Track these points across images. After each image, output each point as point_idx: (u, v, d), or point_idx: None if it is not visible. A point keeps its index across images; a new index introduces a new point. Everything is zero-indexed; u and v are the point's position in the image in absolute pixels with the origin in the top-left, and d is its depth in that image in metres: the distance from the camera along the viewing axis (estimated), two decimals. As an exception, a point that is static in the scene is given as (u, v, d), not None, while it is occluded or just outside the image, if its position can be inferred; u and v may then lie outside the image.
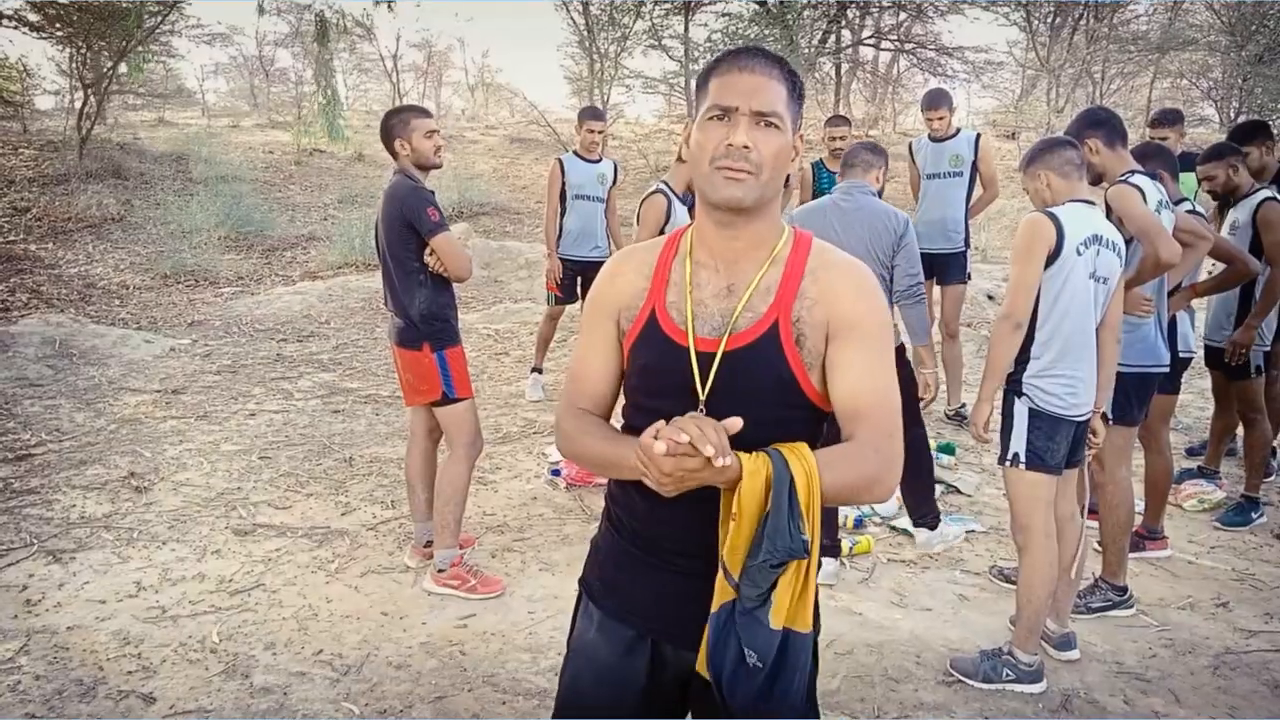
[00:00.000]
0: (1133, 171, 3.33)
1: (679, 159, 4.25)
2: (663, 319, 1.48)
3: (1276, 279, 4.12)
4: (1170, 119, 4.94)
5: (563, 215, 5.92)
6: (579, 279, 5.99)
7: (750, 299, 1.45)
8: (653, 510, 1.51)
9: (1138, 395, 3.40)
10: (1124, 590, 3.53)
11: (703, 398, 1.43)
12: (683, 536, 1.48)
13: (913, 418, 3.76)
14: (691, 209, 4.21)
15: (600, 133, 5.95)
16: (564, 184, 5.89)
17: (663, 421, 1.29)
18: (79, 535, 4.12)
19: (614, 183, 6.03)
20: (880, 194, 3.85)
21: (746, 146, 1.38)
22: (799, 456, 1.34)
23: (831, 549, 3.76)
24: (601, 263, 6.10)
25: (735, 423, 1.28)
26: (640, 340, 1.50)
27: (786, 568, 1.34)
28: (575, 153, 5.97)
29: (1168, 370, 3.48)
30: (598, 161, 5.95)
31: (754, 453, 1.33)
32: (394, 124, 3.60)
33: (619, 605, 1.59)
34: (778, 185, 1.45)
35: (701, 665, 1.42)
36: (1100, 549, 3.77)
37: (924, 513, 3.89)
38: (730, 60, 1.43)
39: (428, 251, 3.51)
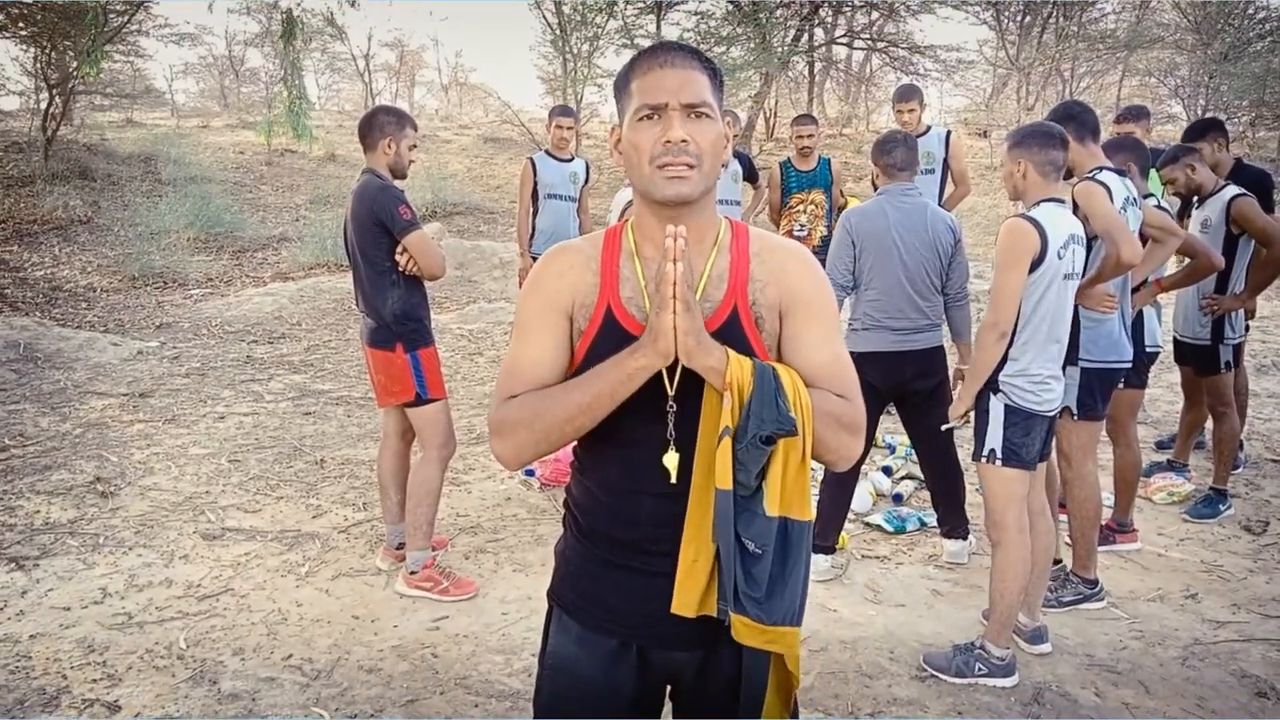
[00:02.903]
0: (1101, 168, 3.35)
1: None
2: (622, 317, 1.46)
3: (1274, 257, 4.20)
4: (1134, 114, 4.99)
5: (535, 214, 5.89)
6: None
7: (705, 289, 1.46)
8: (623, 509, 1.50)
9: (1102, 390, 3.42)
10: (1094, 583, 3.56)
11: (671, 392, 1.42)
12: (660, 534, 1.46)
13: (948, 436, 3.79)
14: None
15: (570, 129, 5.90)
16: (536, 183, 5.85)
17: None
18: (43, 541, 4.04)
19: (586, 181, 6.00)
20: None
21: (685, 140, 1.37)
22: (779, 364, 1.42)
23: (825, 547, 3.76)
24: None
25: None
26: (600, 340, 1.46)
27: (775, 449, 1.36)
28: (547, 152, 5.94)
29: (1130, 365, 3.51)
30: (569, 160, 5.92)
31: None
32: (387, 121, 3.56)
33: (598, 617, 1.54)
34: (717, 173, 1.45)
35: (701, 607, 1.42)
36: (1070, 543, 3.81)
37: (956, 524, 3.91)
38: (648, 59, 1.42)
39: (399, 250, 3.47)
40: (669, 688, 1.61)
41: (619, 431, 1.43)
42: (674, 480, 1.42)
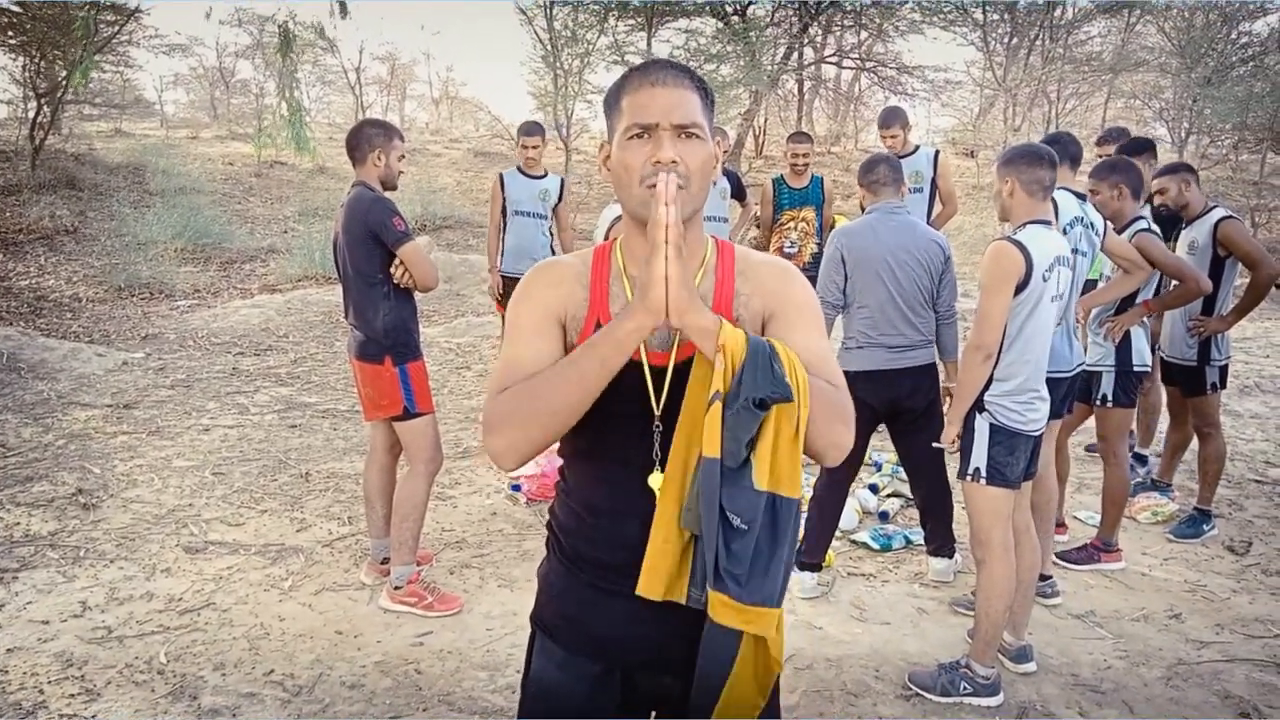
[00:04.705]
0: (1062, 188, 3.47)
1: None
2: None
3: (1259, 280, 4.24)
4: (1115, 136, 5.04)
5: (505, 231, 5.87)
6: None
7: None
8: (609, 532, 1.48)
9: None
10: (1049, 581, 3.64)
11: (657, 412, 1.41)
12: (642, 558, 1.44)
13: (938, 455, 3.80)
14: None
15: (536, 148, 5.79)
16: (505, 200, 5.82)
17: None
18: (22, 554, 4.00)
19: (560, 199, 5.89)
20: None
21: (674, 161, 1.37)
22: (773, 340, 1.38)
23: (812, 565, 3.76)
24: None
25: None
26: None
27: (767, 419, 1.31)
28: (519, 168, 5.91)
29: (1070, 376, 3.52)
30: (541, 177, 5.83)
31: None
32: (375, 134, 3.57)
33: (583, 641, 1.52)
34: (706, 194, 1.45)
35: (669, 592, 1.37)
36: (1057, 560, 3.85)
37: (943, 543, 3.91)
38: (640, 77, 1.42)
39: (395, 263, 3.47)
40: (654, 713, 1.58)
41: (604, 450, 1.42)
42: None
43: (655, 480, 1.40)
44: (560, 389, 1.35)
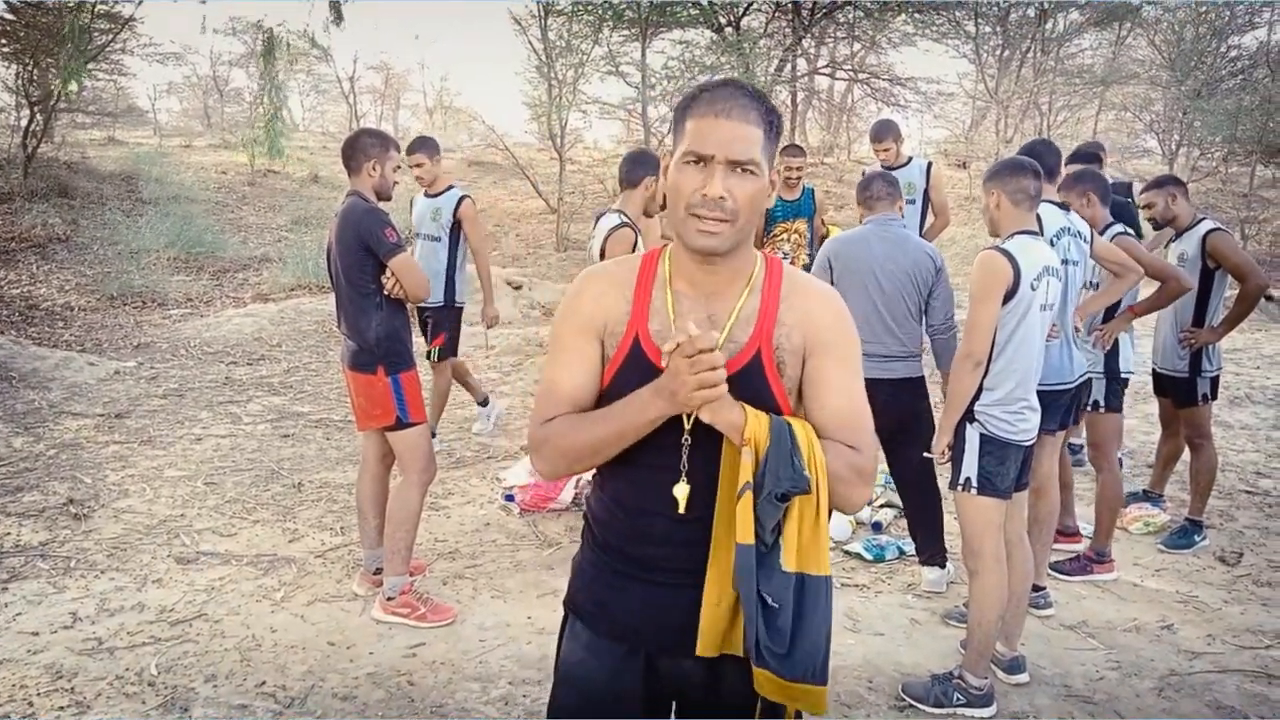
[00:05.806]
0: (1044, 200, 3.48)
1: (624, 186, 4.13)
2: (649, 349, 1.49)
3: (1249, 291, 4.27)
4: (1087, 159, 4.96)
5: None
6: (429, 324, 5.44)
7: (732, 330, 1.49)
8: (637, 527, 1.55)
9: (1046, 411, 3.45)
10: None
11: (688, 427, 1.46)
12: (671, 554, 1.52)
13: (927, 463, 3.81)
14: None
15: (418, 166, 5.28)
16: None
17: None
18: (12, 564, 3.98)
19: (455, 214, 5.38)
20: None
21: (723, 197, 1.40)
22: (794, 419, 1.46)
23: None
24: (441, 308, 5.43)
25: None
26: (625, 369, 1.50)
27: (791, 506, 1.40)
28: (426, 191, 5.52)
29: (1072, 388, 3.53)
30: (438, 195, 5.43)
31: None
32: (371, 144, 3.57)
33: (609, 623, 1.59)
34: (754, 224, 1.48)
35: (724, 646, 1.46)
36: (1052, 573, 3.85)
37: (933, 552, 3.92)
38: (709, 102, 1.42)
39: (386, 274, 3.47)
40: (675, 702, 1.63)
41: (634, 455, 1.48)
42: (682, 510, 1.47)
43: (680, 490, 1.47)
44: (592, 444, 1.48)
